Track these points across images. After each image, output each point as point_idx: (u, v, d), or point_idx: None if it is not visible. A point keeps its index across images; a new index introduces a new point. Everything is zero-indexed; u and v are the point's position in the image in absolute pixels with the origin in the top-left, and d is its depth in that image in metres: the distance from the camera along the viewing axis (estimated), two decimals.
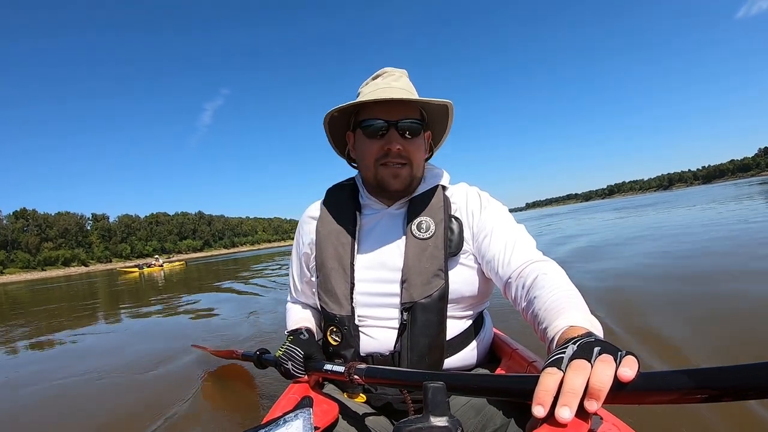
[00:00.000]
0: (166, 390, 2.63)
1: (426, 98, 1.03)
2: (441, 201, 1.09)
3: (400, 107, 1.03)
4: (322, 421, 0.85)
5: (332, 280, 1.07)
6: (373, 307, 1.04)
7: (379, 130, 1.03)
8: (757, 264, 4.10)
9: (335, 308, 1.05)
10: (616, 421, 0.68)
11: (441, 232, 1.03)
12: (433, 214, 1.06)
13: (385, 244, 1.08)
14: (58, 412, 2.52)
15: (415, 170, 1.07)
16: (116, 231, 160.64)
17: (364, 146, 1.08)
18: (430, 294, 0.98)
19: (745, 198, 17.01)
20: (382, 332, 1.02)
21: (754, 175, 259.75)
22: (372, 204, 1.14)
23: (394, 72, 1.12)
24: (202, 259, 58.93)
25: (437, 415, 0.59)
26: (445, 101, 1.05)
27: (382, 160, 1.05)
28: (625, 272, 4.67)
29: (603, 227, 12.51)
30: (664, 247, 6.25)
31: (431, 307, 0.98)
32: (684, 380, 0.48)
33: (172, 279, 15.98)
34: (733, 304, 2.91)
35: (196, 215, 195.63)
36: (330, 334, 1.06)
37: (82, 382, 3.04)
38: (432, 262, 1.00)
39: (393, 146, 1.02)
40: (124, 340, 4.65)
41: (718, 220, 9.27)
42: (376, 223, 1.12)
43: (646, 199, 52.71)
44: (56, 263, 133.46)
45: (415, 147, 1.06)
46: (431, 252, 1.01)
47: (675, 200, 27.58)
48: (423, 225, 1.04)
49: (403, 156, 1.04)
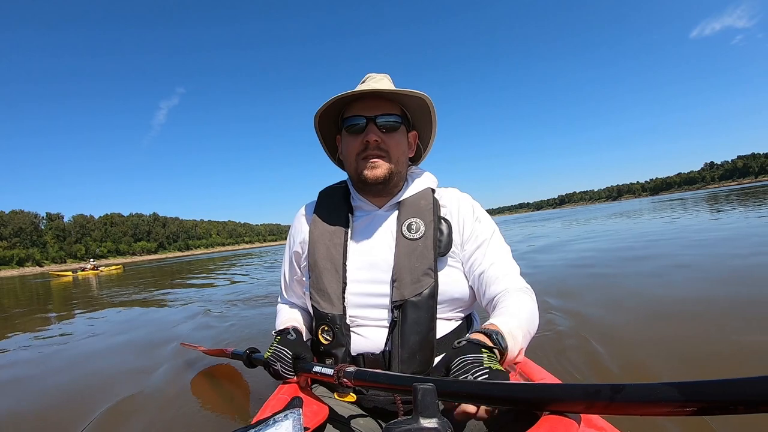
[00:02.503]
0: (153, 389, 2.55)
1: (398, 89, 1.06)
2: (430, 203, 1.12)
3: (380, 104, 1.08)
4: (312, 421, 0.85)
5: (324, 279, 1.08)
6: (364, 307, 1.06)
7: (360, 126, 1.08)
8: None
9: (327, 307, 1.06)
10: (605, 425, 0.71)
11: (431, 233, 1.06)
12: (422, 216, 1.09)
13: (376, 245, 1.10)
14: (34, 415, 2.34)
15: (395, 164, 1.10)
16: (71, 231, 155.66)
17: (347, 144, 1.13)
18: (420, 292, 1.00)
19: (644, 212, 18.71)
20: (373, 331, 1.04)
21: (700, 188, 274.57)
22: (363, 206, 1.17)
23: (376, 76, 1.16)
24: (156, 262, 56.35)
25: (427, 416, 0.58)
26: (420, 93, 1.07)
27: (362, 154, 1.08)
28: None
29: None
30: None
31: (421, 304, 1.00)
32: (672, 393, 0.48)
33: (87, 286, 14.74)
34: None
35: (151, 217, 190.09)
36: (321, 333, 1.07)
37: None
38: (422, 261, 1.03)
39: (371, 137, 1.06)
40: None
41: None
42: (368, 224, 1.15)
43: (566, 211, 56.82)
44: (10, 263, 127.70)
45: (393, 141, 1.10)
46: (421, 251, 1.04)
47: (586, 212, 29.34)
48: (413, 226, 1.08)
49: (381, 149, 1.08)
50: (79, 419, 2.15)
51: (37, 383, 3.01)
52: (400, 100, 1.13)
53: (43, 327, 5.65)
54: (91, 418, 2.15)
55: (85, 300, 9.51)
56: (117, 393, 2.50)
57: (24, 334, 5.17)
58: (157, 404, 2.30)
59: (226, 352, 1.73)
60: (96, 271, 27.24)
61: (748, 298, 2.99)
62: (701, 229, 8.25)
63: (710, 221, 10.01)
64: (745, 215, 10.29)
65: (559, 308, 3.38)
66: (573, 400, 0.59)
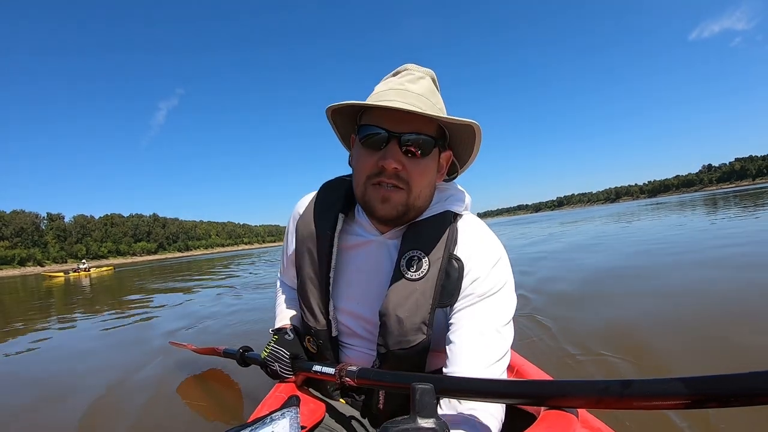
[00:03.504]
0: (139, 389, 2.52)
1: (440, 115, 0.81)
2: (445, 233, 0.88)
3: (411, 117, 0.81)
4: (309, 420, 0.85)
5: (308, 290, 0.98)
6: (348, 335, 0.98)
7: (378, 141, 0.84)
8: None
9: (311, 320, 0.98)
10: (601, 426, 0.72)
11: (434, 275, 0.85)
12: (429, 250, 0.87)
13: (368, 279, 0.94)
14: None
15: (413, 198, 0.86)
16: (71, 231, 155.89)
17: (359, 157, 0.88)
18: (407, 347, 0.85)
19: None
20: (358, 355, 0.97)
21: (697, 190, 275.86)
22: (365, 225, 0.95)
23: (416, 71, 0.90)
24: (156, 262, 56.18)
25: (424, 416, 0.57)
26: (469, 121, 0.82)
27: (374, 179, 0.85)
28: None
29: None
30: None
31: (407, 359, 0.85)
32: (669, 387, 0.51)
33: (78, 286, 14.50)
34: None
35: (151, 217, 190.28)
36: (308, 342, 1.02)
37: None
38: (416, 313, 0.84)
39: (389, 164, 0.81)
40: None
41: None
42: (364, 250, 0.95)
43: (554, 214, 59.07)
44: (12, 262, 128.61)
45: (418, 169, 0.84)
46: (416, 299, 0.84)
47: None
48: (414, 261, 0.86)
49: (400, 178, 0.84)
50: (59, 423, 2.11)
51: (12, 385, 2.97)
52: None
53: (23, 328, 5.55)
54: (71, 421, 2.10)
55: (80, 300, 9.53)
56: (100, 394, 2.46)
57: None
58: (144, 404, 2.27)
59: (217, 350, 1.69)
60: (87, 273, 27.56)
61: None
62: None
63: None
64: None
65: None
66: (583, 396, 0.60)
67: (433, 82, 0.91)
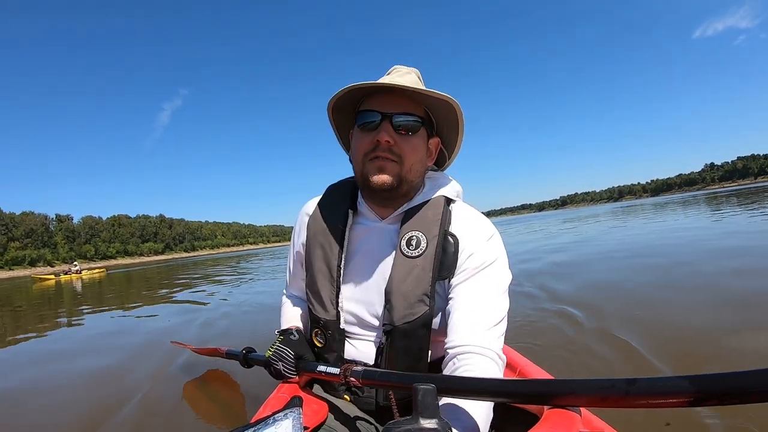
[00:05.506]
0: (141, 389, 2.51)
1: (418, 87, 0.91)
2: (439, 214, 0.98)
3: (400, 101, 0.94)
4: (312, 420, 0.85)
5: (318, 282, 1.03)
6: (355, 323, 1.02)
7: (373, 123, 0.94)
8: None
9: (320, 311, 1.02)
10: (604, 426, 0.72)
11: (432, 251, 0.93)
12: (426, 228, 0.96)
13: (372, 263, 1.01)
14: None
15: (405, 171, 0.95)
16: (80, 232, 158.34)
17: (357, 141, 0.99)
18: (411, 320, 0.91)
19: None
20: (365, 344, 1.00)
21: (700, 188, 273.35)
22: (367, 213, 1.05)
23: (403, 69, 1.03)
24: (163, 263, 56.56)
25: (427, 417, 0.57)
26: (445, 96, 0.92)
27: (370, 155, 0.95)
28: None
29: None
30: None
31: (412, 333, 0.92)
32: (673, 385, 0.52)
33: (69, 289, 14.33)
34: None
35: (158, 218, 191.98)
36: (315, 336, 1.05)
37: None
38: (417, 285, 0.92)
39: (382, 136, 0.92)
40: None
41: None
42: (367, 236, 1.04)
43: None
44: (23, 263, 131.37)
45: (409, 145, 0.95)
46: (417, 274, 0.93)
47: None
48: (413, 240, 0.95)
49: (393, 151, 0.93)
50: (59, 423, 2.13)
51: (11, 385, 2.98)
52: (425, 101, 0.98)
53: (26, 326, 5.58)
54: (72, 421, 2.12)
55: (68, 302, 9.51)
56: (99, 396, 2.47)
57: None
58: (145, 405, 2.27)
59: (219, 351, 1.69)
60: (78, 275, 27.18)
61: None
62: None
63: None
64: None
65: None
66: (588, 394, 0.60)
67: (419, 78, 1.03)
